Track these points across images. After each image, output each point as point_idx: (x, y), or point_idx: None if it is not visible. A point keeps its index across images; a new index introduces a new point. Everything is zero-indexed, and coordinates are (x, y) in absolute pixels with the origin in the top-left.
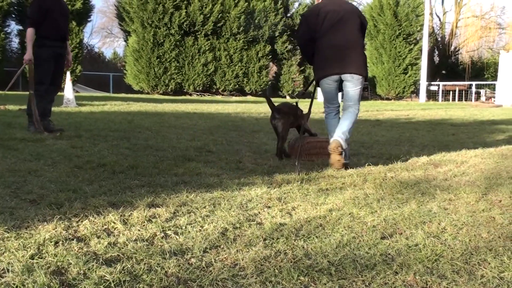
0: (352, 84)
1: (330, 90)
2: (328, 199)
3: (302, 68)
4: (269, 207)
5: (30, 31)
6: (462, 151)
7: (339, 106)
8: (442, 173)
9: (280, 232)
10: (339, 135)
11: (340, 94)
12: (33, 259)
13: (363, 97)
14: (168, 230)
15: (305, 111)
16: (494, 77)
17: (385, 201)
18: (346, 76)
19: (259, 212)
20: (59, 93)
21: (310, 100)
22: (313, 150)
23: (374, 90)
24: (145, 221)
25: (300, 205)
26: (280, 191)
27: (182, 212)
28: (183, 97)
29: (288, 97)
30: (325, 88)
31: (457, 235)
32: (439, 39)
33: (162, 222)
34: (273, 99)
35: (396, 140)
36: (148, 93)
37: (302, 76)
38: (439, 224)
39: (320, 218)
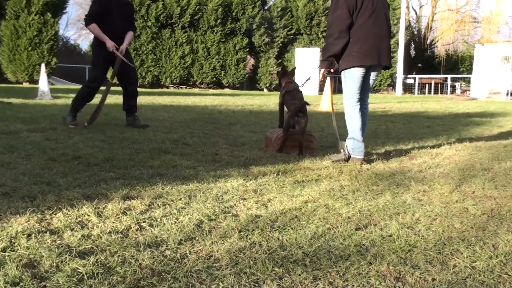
0: (375, 75)
1: (359, 78)
2: (304, 191)
3: (279, 60)
4: (244, 199)
5: (92, 27)
6: (436, 143)
7: (359, 95)
8: (417, 165)
9: (255, 224)
10: (361, 150)
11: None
12: (4, 252)
13: (340, 90)
14: (143, 222)
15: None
16: (469, 71)
17: (360, 193)
18: (376, 67)
19: (235, 204)
20: (34, 86)
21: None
22: (290, 143)
23: None
24: (120, 214)
25: (276, 197)
26: (256, 183)
27: (157, 205)
28: (160, 89)
29: (265, 90)
30: (356, 77)
31: (430, 225)
32: (415, 32)
33: (137, 214)
34: (250, 92)
35: (373, 133)
36: None
37: (279, 69)
38: (413, 215)
39: (295, 210)
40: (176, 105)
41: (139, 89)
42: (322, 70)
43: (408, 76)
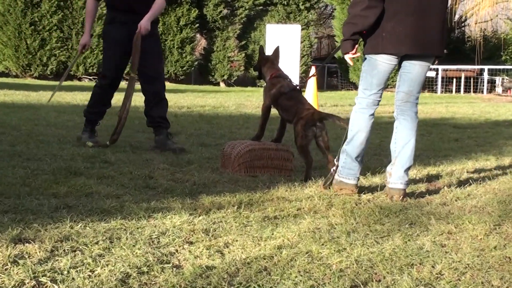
0: (424, 60)
1: (387, 71)
2: (277, 232)
3: (242, 42)
4: (191, 243)
5: (86, 5)
6: (468, 164)
7: (381, 98)
8: (439, 194)
9: (206, 279)
10: (403, 179)
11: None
12: None
13: (331, 86)
14: (42, 276)
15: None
16: None
17: (358, 235)
18: (422, 56)
19: (177, 251)
20: None
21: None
22: (258, 162)
23: (345, 76)
24: (9, 263)
25: (237, 240)
26: (207, 219)
27: (64, 250)
28: (69, 82)
29: (222, 84)
30: (380, 69)
31: (458, 282)
32: None
33: (34, 264)
34: (200, 88)
35: (376, 148)
36: (16, 76)
37: (243, 55)
38: (433, 267)
39: (264, 259)
40: None
41: (37, 81)
42: (347, 55)
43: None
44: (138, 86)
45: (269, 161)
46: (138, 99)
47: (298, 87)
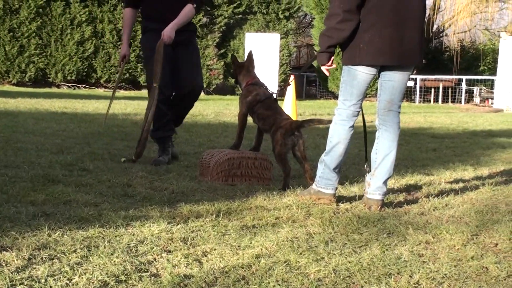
0: (404, 75)
1: (367, 81)
2: (255, 241)
3: (222, 51)
4: (169, 251)
5: (123, 14)
6: (446, 174)
7: (360, 109)
8: (417, 204)
9: None
10: (381, 190)
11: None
12: None
13: (310, 95)
14: (20, 284)
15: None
16: (493, 70)
17: (336, 244)
18: (401, 66)
19: (155, 259)
20: None
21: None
22: (236, 171)
23: (324, 85)
24: None
25: (215, 249)
26: (186, 228)
27: (42, 259)
28: (47, 89)
29: (201, 93)
30: (359, 80)
31: None
32: None
33: (11, 272)
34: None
35: (355, 157)
36: None
37: (223, 63)
38: (410, 276)
39: (242, 268)
40: (71, 112)
41: (15, 88)
42: (323, 67)
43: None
44: (109, 92)
45: (247, 169)
46: (118, 107)
47: (273, 95)
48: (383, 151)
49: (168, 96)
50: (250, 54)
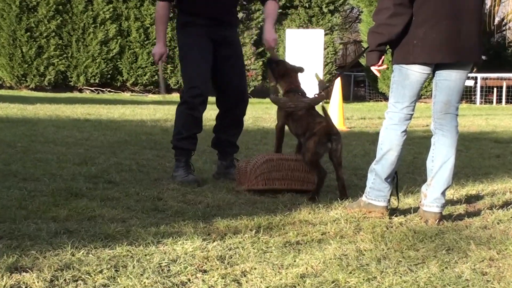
0: (462, 73)
1: (420, 81)
2: (300, 259)
3: (260, 49)
4: (205, 271)
5: (157, 8)
6: (511, 183)
7: (413, 112)
8: (479, 217)
9: None
10: (439, 201)
11: None
12: None
13: (358, 96)
14: None
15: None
16: None
17: (390, 262)
18: (458, 64)
19: (189, 280)
20: None
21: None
22: (276, 174)
23: (374, 86)
24: None
25: (255, 268)
26: (222, 245)
27: (65, 280)
28: (68, 94)
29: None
30: (413, 80)
31: None
32: None
33: None
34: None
35: (409, 165)
36: (11, 87)
37: (261, 63)
38: None
39: None
40: (95, 119)
41: (34, 93)
42: (373, 67)
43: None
44: (136, 97)
45: (289, 172)
46: (146, 112)
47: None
48: (441, 159)
49: (205, 99)
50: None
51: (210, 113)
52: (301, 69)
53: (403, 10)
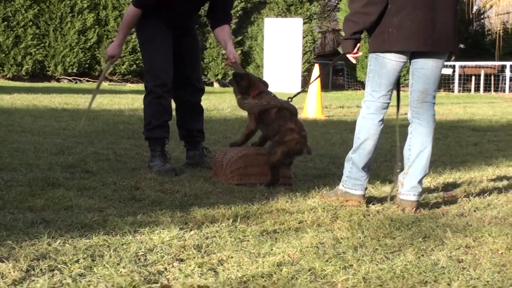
0: (438, 62)
1: (397, 69)
2: (276, 247)
3: (238, 38)
4: (181, 260)
5: (130, 12)
6: (488, 170)
7: (390, 100)
8: (456, 204)
9: None
10: (416, 190)
11: None
12: None
13: (337, 85)
14: None
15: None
16: None
17: (366, 250)
18: (435, 53)
19: (166, 269)
20: None
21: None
22: (252, 169)
23: (352, 75)
24: None
25: (232, 257)
26: (199, 234)
27: (41, 270)
28: (46, 84)
29: (216, 84)
30: (389, 68)
31: None
32: None
33: (8, 285)
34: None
35: (386, 153)
36: None
37: (240, 52)
38: (449, 284)
39: (262, 277)
40: (72, 109)
41: (11, 83)
42: (350, 55)
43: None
44: (114, 86)
45: (265, 168)
46: (124, 102)
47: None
48: (417, 147)
49: (170, 88)
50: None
51: (213, 102)
52: (266, 83)
53: (377, 0)
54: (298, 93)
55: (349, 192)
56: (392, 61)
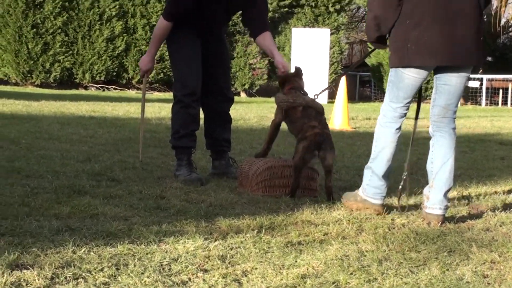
0: (461, 77)
1: (416, 85)
2: (301, 259)
3: None
4: (206, 270)
5: (161, 26)
6: None
7: (408, 110)
8: (482, 219)
9: None
10: (442, 203)
11: None
12: None
13: (363, 96)
14: None
15: None
16: None
17: (391, 263)
18: (456, 67)
19: (190, 279)
20: None
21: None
22: (278, 181)
23: (379, 86)
24: None
25: (256, 268)
26: (224, 245)
27: (66, 278)
28: (74, 91)
29: (243, 94)
30: (407, 83)
31: None
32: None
33: None
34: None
35: (413, 166)
36: (16, 83)
37: (266, 62)
38: None
39: None
40: (100, 116)
41: (39, 90)
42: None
43: (471, 76)
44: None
45: (291, 179)
46: (151, 110)
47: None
48: (440, 160)
49: (198, 97)
50: (299, 69)
51: (240, 112)
52: (299, 70)
53: (394, 10)
54: (324, 90)
55: (368, 200)
56: (411, 76)
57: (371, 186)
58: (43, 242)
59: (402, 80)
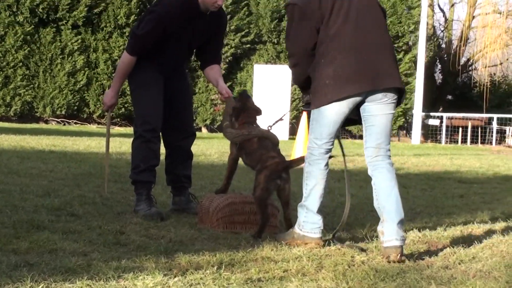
0: (385, 107)
1: (338, 120)
2: None
3: (228, 84)
4: None
5: (125, 60)
6: (473, 223)
7: (333, 145)
8: (441, 256)
9: None
10: (397, 234)
11: None
12: None
13: None
14: None
15: None
16: None
17: None
18: (376, 96)
19: None
20: None
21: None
22: (239, 217)
23: None
24: None
25: None
26: (184, 281)
27: None
28: (34, 125)
29: (204, 130)
30: (330, 118)
31: None
32: (443, 45)
33: None
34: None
35: (371, 204)
36: None
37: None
38: None
39: None
40: (60, 151)
41: None
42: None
43: (431, 114)
44: (102, 129)
45: (251, 216)
46: (113, 145)
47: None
48: (384, 193)
49: (159, 133)
50: (248, 101)
51: (201, 148)
52: (259, 110)
53: (311, 55)
54: (277, 121)
55: (307, 236)
56: (333, 112)
57: (308, 222)
58: (1, 277)
59: (325, 117)
